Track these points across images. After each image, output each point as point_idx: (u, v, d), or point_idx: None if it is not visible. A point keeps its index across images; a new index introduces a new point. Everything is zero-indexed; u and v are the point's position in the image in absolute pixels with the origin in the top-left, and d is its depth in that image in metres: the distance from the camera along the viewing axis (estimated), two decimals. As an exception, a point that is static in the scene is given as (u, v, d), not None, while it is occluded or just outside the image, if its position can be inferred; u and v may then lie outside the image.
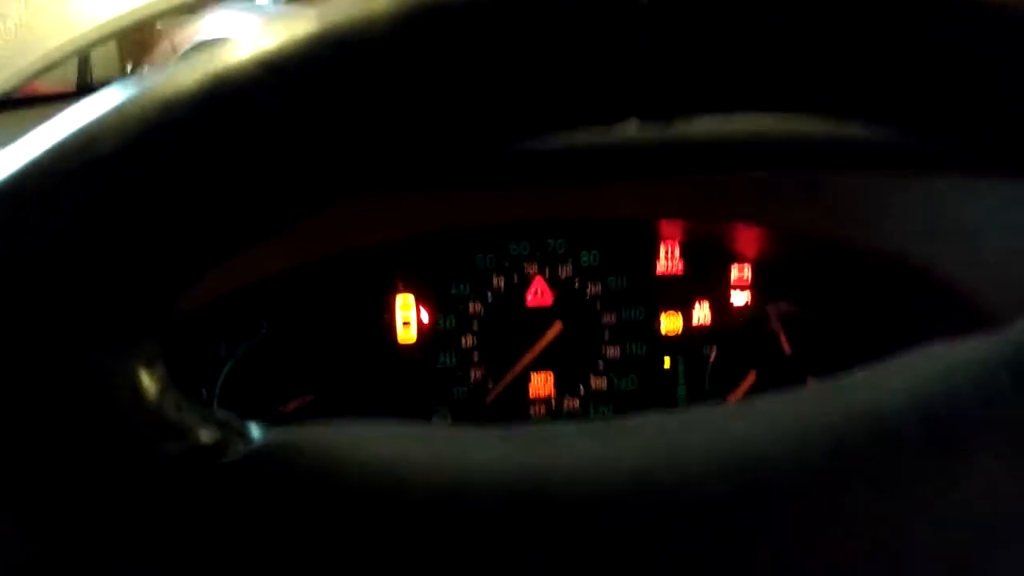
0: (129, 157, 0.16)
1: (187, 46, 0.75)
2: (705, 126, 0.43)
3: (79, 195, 0.17)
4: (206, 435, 0.19)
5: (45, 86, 0.66)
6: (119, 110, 0.17)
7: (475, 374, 0.64)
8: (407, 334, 0.62)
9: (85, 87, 0.71)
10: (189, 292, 0.19)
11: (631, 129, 0.20)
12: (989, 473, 0.20)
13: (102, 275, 0.17)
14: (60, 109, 0.18)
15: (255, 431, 0.20)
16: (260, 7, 0.83)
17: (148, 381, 0.19)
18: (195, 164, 0.17)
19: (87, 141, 0.17)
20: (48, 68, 0.66)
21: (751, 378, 0.67)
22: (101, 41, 0.70)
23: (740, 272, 0.66)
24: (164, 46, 0.79)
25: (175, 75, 0.17)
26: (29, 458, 0.18)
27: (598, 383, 0.66)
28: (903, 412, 0.21)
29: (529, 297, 0.64)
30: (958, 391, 0.21)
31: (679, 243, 0.64)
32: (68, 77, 0.71)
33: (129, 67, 0.80)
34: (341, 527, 0.19)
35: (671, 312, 0.66)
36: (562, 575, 0.19)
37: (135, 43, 0.85)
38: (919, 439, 0.20)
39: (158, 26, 0.83)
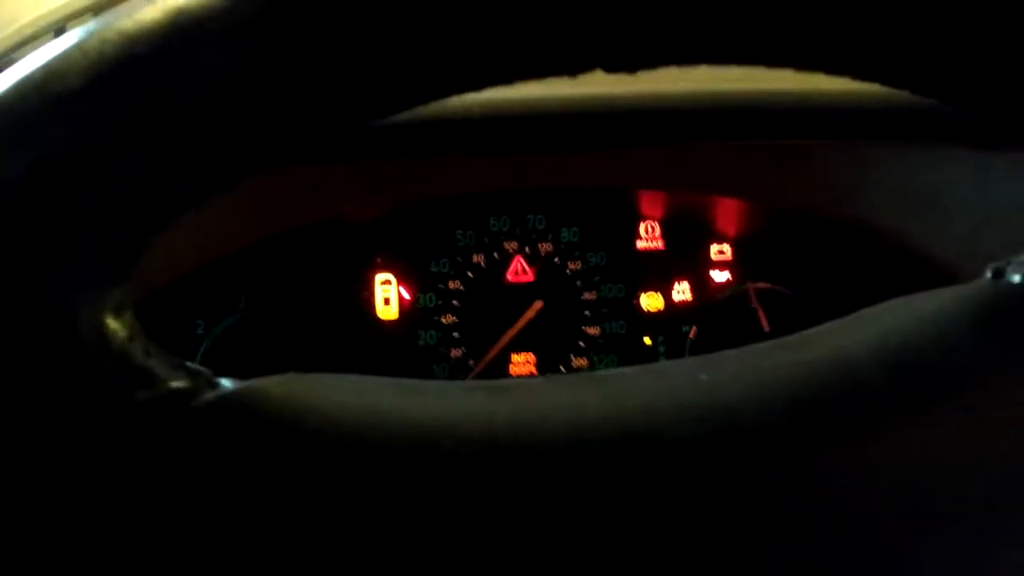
0: (91, 93, 0.16)
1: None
2: (680, 91, 0.43)
3: (39, 132, 0.16)
4: (175, 382, 0.19)
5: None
6: (80, 47, 0.17)
7: (456, 352, 0.64)
8: (387, 311, 0.62)
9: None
10: (156, 239, 0.19)
11: (596, 79, 0.20)
12: (950, 420, 0.21)
13: (63, 218, 0.17)
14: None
15: (226, 382, 0.20)
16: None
17: (115, 327, 0.19)
18: (156, 100, 0.16)
19: (48, 77, 0.16)
20: (24, 43, 0.66)
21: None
22: (76, 15, 0.70)
23: (720, 250, 0.66)
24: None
25: (136, 10, 0.17)
26: None
27: (578, 361, 0.66)
28: (867, 361, 0.21)
29: (509, 274, 0.64)
30: (920, 341, 0.22)
31: (659, 219, 0.65)
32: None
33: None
34: (307, 471, 0.19)
35: (651, 290, 0.66)
36: (536, 522, 0.19)
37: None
38: (882, 387, 0.21)
39: (134, 2, 0.82)
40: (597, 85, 0.44)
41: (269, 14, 0.16)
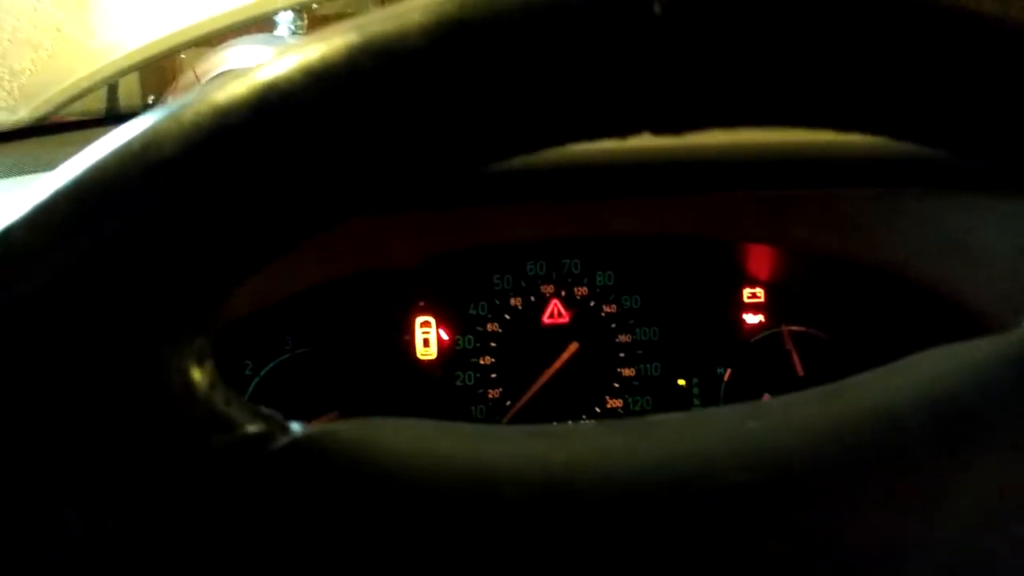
0: (187, 161, 0.18)
1: (211, 75, 0.77)
2: (715, 142, 0.45)
3: (138, 197, 0.18)
4: (252, 427, 0.20)
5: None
6: (176, 118, 0.18)
7: (493, 393, 0.65)
8: (427, 353, 0.64)
9: (113, 114, 0.74)
10: (236, 293, 0.20)
11: (644, 141, 0.21)
12: (991, 465, 0.21)
13: (158, 275, 0.19)
14: (90, 134, 0.19)
15: (296, 426, 0.21)
16: (280, 39, 0.86)
17: (199, 376, 0.20)
18: (247, 167, 0.18)
19: (146, 146, 0.18)
20: (77, 96, 0.68)
21: (764, 399, 0.67)
22: (128, 71, 0.72)
23: (753, 293, 0.67)
24: (188, 76, 0.82)
25: (227, 85, 0.18)
26: (89, 447, 0.19)
27: (613, 403, 0.67)
28: (910, 408, 0.22)
29: (546, 317, 0.65)
30: (962, 388, 0.22)
31: (693, 263, 0.65)
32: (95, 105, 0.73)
33: (151, 98, 0.83)
34: (378, 513, 0.20)
35: (685, 332, 0.67)
36: (592, 564, 0.20)
37: (155, 74, 0.87)
38: (925, 433, 0.21)
39: (182, 56, 0.86)
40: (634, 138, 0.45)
41: (349, 95, 0.18)
